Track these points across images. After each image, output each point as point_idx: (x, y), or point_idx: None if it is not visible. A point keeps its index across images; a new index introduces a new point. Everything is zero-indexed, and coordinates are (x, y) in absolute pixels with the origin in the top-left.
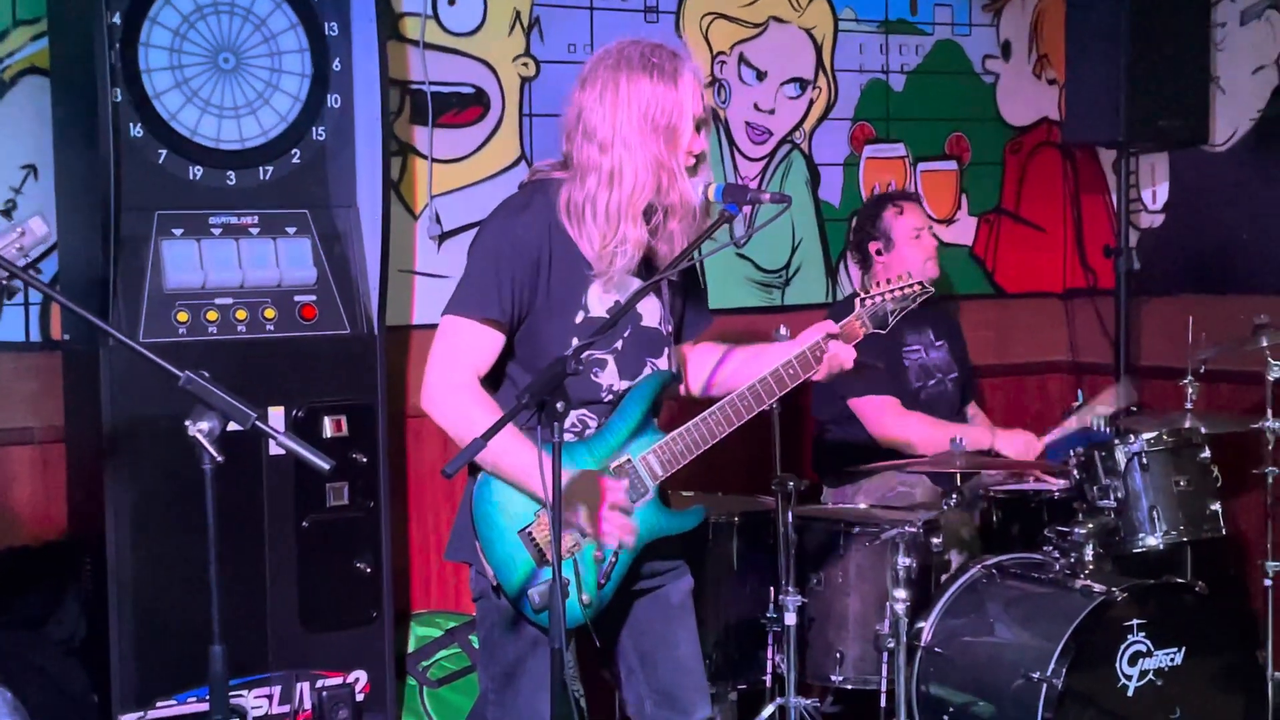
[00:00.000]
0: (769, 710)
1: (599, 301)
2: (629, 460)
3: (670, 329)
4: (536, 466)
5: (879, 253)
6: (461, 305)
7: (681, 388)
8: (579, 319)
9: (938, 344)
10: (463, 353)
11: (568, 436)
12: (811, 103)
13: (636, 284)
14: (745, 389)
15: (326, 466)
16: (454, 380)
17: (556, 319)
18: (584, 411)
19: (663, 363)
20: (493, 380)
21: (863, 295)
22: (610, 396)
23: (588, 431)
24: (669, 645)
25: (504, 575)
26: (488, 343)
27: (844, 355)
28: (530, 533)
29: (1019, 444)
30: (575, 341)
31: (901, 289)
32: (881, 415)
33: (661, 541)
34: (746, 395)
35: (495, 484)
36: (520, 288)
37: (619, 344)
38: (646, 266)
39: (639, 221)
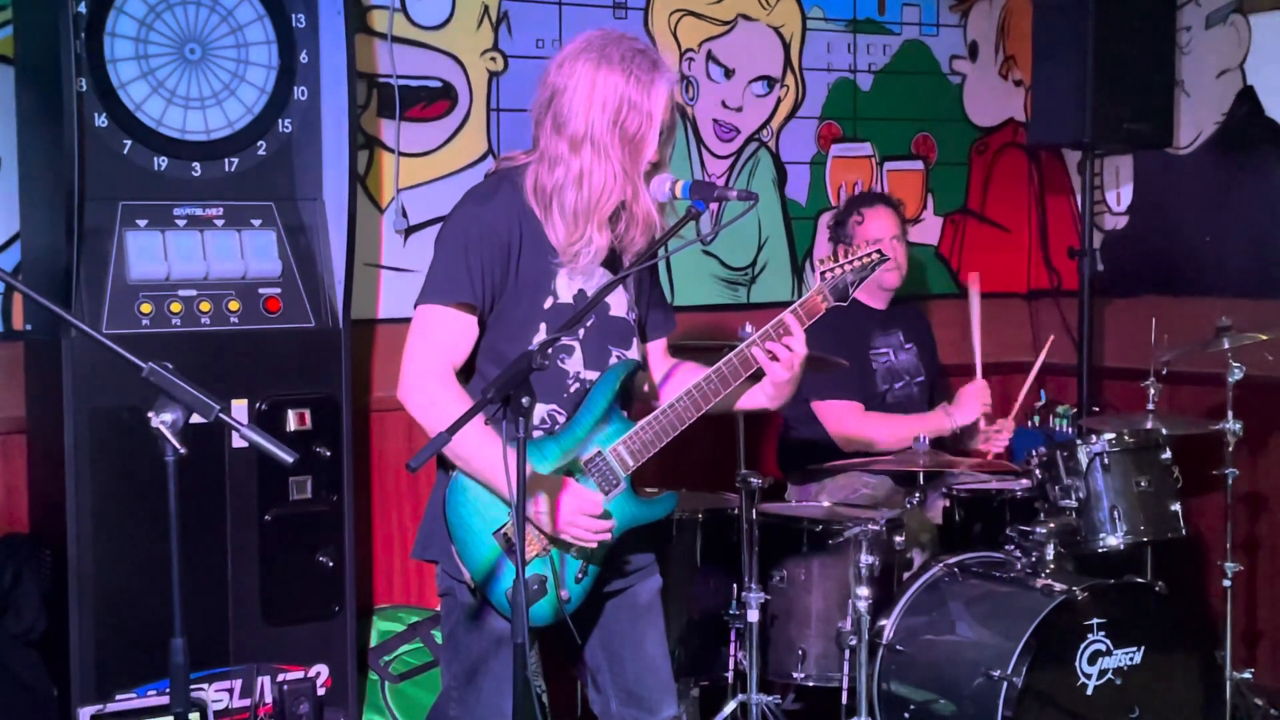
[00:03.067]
0: (731, 707)
1: (567, 287)
2: (599, 452)
3: (635, 317)
4: (500, 465)
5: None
6: (433, 293)
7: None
8: (548, 304)
9: (906, 346)
10: (438, 343)
11: (538, 433)
12: (779, 101)
13: (602, 272)
14: (711, 372)
15: (290, 460)
16: (429, 372)
17: (525, 303)
18: (553, 406)
19: (631, 352)
20: (464, 370)
21: (822, 269)
22: (576, 384)
23: (557, 426)
24: (636, 644)
25: (480, 576)
26: (462, 329)
27: (794, 342)
28: (506, 533)
29: (973, 404)
30: (543, 327)
31: (860, 258)
32: (843, 419)
33: (633, 536)
34: (713, 378)
35: (468, 485)
36: (490, 272)
37: (582, 331)
38: (611, 257)
39: (604, 227)
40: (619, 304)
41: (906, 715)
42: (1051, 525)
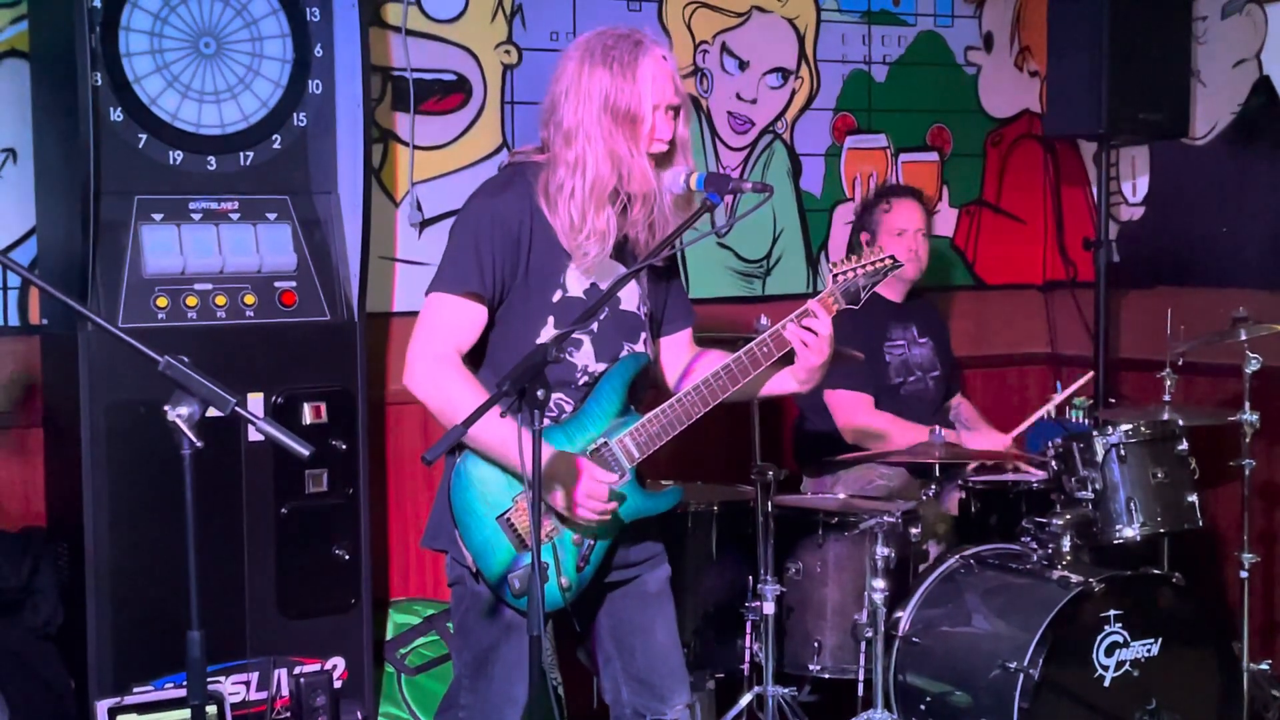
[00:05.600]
0: (746, 699)
1: (577, 282)
2: (605, 443)
3: (647, 311)
4: (514, 442)
5: (867, 243)
6: (443, 282)
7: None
8: (557, 298)
9: (921, 341)
10: (445, 328)
11: (545, 421)
12: (794, 93)
13: (614, 265)
14: (720, 368)
15: (306, 452)
16: (435, 354)
17: (534, 297)
18: (560, 395)
19: (639, 346)
20: (473, 359)
21: (834, 271)
22: (585, 378)
23: (564, 416)
24: (646, 633)
25: (483, 561)
26: (470, 317)
27: (820, 326)
28: (509, 518)
29: (990, 445)
30: (552, 321)
31: (872, 263)
32: (853, 411)
33: (640, 526)
34: (721, 375)
35: (473, 470)
36: (501, 263)
37: (595, 325)
38: (622, 251)
39: (604, 210)
40: (630, 298)
41: (923, 707)
42: (1068, 517)
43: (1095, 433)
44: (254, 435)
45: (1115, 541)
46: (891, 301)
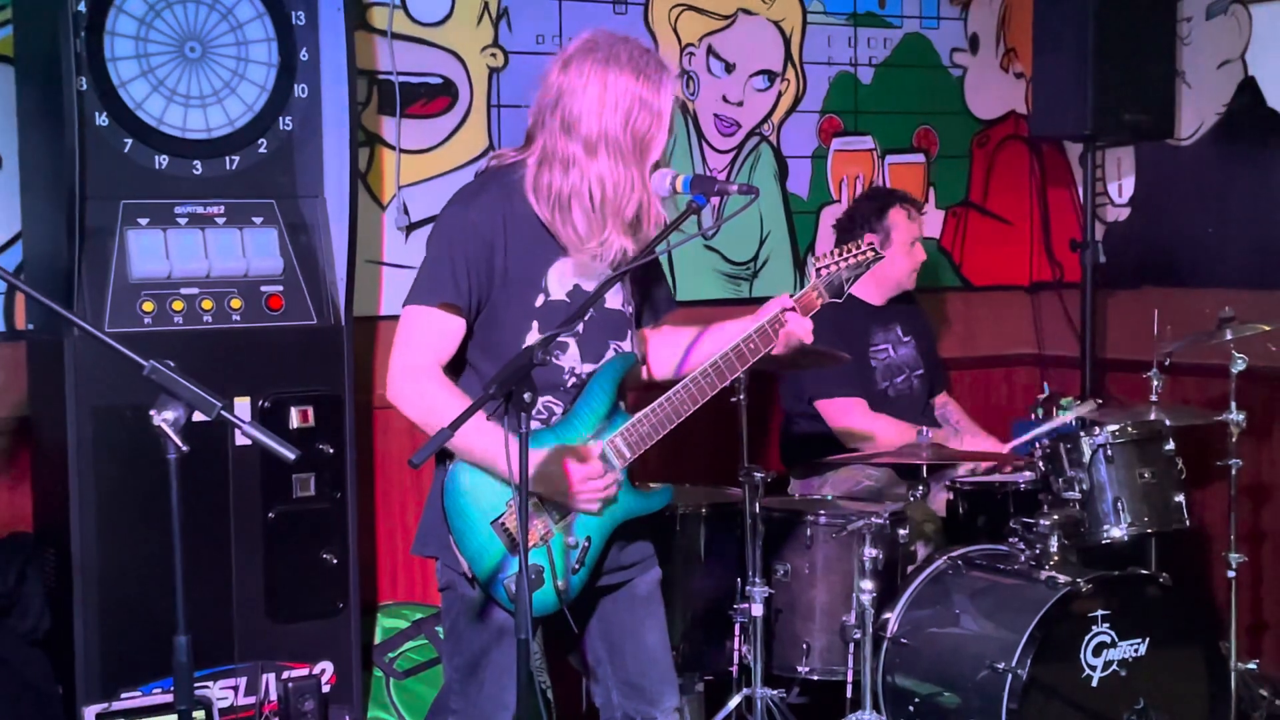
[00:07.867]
0: (735, 701)
1: (559, 284)
2: (596, 444)
3: (631, 310)
4: (503, 449)
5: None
6: (419, 294)
7: (644, 372)
8: (539, 302)
9: (905, 340)
10: (424, 340)
11: (534, 424)
12: (780, 95)
13: (597, 266)
14: (707, 365)
15: (292, 456)
16: (416, 367)
17: (515, 303)
18: (549, 398)
19: (625, 345)
20: (455, 367)
21: (818, 265)
22: (573, 379)
23: (553, 418)
24: (636, 636)
25: (478, 566)
26: (448, 328)
27: (800, 329)
28: (503, 523)
29: (986, 450)
30: (535, 325)
31: (855, 256)
32: (848, 415)
33: (631, 527)
34: (709, 372)
35: (465, 475)
36: (476, 272)
37: (580, 326)
38: None
39: (626, 232)
40: (615, 297)
41: (911, 708)
42: (1055, 517)
43: (1082, 433)
44: (241, 440)
45: (1102, 542)
46: (872, 305)
